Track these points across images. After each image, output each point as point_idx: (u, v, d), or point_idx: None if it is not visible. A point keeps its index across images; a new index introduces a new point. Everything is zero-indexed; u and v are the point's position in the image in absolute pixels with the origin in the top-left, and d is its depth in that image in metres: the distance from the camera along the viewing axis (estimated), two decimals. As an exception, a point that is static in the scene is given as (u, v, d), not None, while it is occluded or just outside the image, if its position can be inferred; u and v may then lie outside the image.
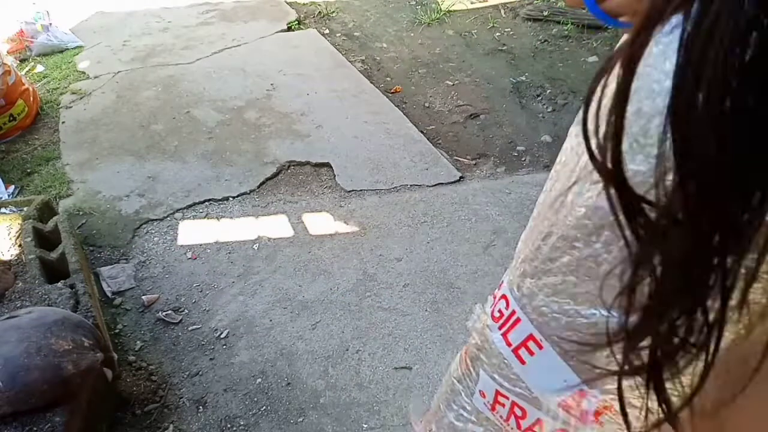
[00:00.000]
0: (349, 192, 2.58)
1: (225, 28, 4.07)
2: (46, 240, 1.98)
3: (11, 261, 1.84)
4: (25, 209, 2.08)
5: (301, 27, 4.09)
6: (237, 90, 3.31)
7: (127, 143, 2.89)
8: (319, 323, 1.99)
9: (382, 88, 3.37)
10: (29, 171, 2.73)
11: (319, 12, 4.27)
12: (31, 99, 3.03)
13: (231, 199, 2.54)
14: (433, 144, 2.90)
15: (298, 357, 1.88)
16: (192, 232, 2.37)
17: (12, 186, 2.60)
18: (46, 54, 3.72)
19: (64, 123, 3.06)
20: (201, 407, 1.74)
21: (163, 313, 2.02)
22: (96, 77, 3.45)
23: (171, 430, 1.68)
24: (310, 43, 3.85)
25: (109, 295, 2.09)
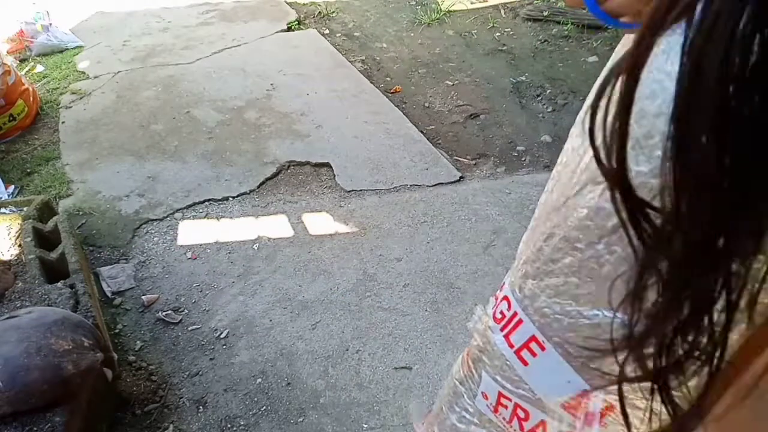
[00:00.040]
0: (349, 192, 2.58)
1: (225, 28, 4.07)
2: (46, 240, 1.98)
3: (11, 261, 1.84)
4: (25, 209, 2.08)
5: (301, 27, 4.09)
6: (237, 90, 3.30)
7: (127, 143, 2.89)
8: (319, 323, 1.99)
9: (382, 88, 3.37)
10: (29, 171, 2.73)
11: (319, 12, 4.27)
12: (31, 99, 3.03)
13: (231, 199, 2.54)
14: (433, 144, 2.90)
15: (298, 357, 1.88)
16: (192, 232, 2.37)
17: (12, 186, 2.60)
18: (46, 54, 3.72)
19: (64, 123, 3.06)
20: (201, 407, 1.74)
21: (163, 313, 2.02)
22: (96, 77, 3.45)
23: (171, 430, 1.68)
24: (310, 43, 3.85)
25: (109, 295, 2.09)
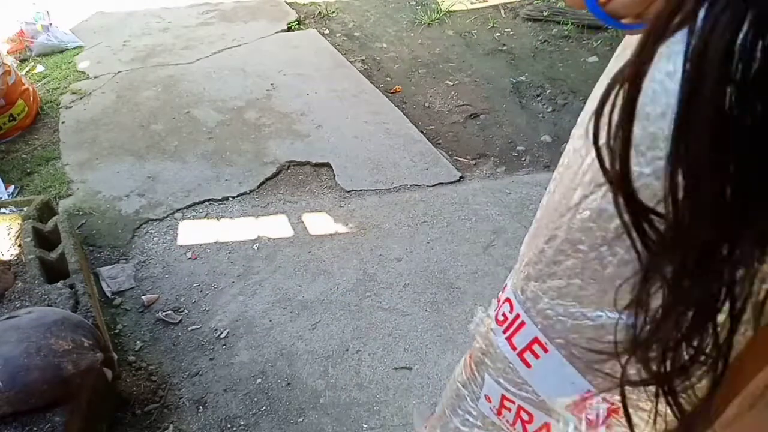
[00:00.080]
0: (349, 192, 2.58)
1: (225, 28, 4.07)
2: (45, 240, 1.98)
3: (11, 261, 1.84)
4: (25, 209, 2.08)
5: (301, 27, 4.09)
6: (237, 90, 3.30)
7: (127, 143, 2.89)
8: (319, 323, 1.99)
9: (382, 88, 3.36)
10: (29, 171, 2.73)
11: (319, 12, 4.27)
12: (31, 99, 3.03)
13: (231, 199, 2.54)
14: (433, 144, 2.90)
15: (298, 357, 1.88)
16: (192, 232, 2.37)
17: (12, 186, 2.60)
18: (46, 54, 3.72)
19: (64, 123, 3.06)
20: (201, 407, 1.74)
21: (163, 313, 2.01)
22: (96, 77, 3.45)
23: (171, 430, 1.68)
24: (310, 43, 3.85)
25: (109, 295, 2.09)
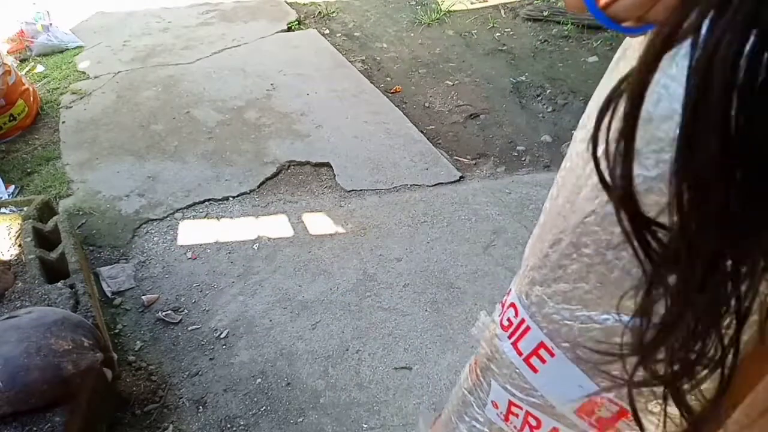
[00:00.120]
0: (349, 192, 2.58)
1: (225, 28, 4.07)
2: (46, 240, 1.98)
3: (11, 261, 1.84)
4: (25, 209, 2.08)
5: (301, 27, 4.09)
6: (237, 90, 3.30)
7: (127, 143, 2.89)
8: (319, 323, 1.99)
9: (382, 88, 3.37)
10: (29, 171, 2.73)
11: (319, 12, 4.27)
12: (31, 99, 3.03)
13: (231, 199, 2.54)
14: (433, 144, 2.90)
15: (298, 357, 1.88)
16: (192, 232, 2.37)
17: (12, 186, 2.60)
18: (46, 54, 3.72)
19: (64, 123, 3.06)
20: (201, 407, 1.74)
21: (163, 313, 2.01)
22: (96, 77, 3.45)
23: (171, 430, 1.68)
24: (310, 43, 3.85)
25: (109, 295, 2.09)
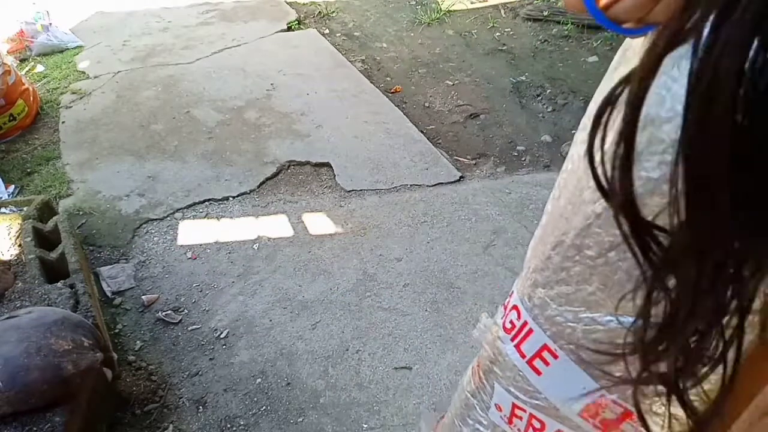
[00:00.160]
0: (349, 192, 2.58)
1: (225, 28, 4.07)
2: (46, 240, 1.98)
3: (11, 261, 1.84)
4: (25, 209, 2.08)
5: (301, 27, 4.09)
6: (237, 90, 3.30)
7: (127, 143, 2.89)
8: (319, 323, 1.99)
9: (382, 88, 3.36)
10: (29, 171, 2.73)
11: (319, 12, 4.27)
12: (31, 99, 3.03)
13: (231, 199, 2.54)
14: (433, 144, 2.90)
15: (298, 357, 1.88)
16: (192, 231, 2.37)
17: (12, 186, 2.60)
18: (46, 54, 3.72)
19: (64, 123, 3.06)
20: (201, 407, 1.74)
21: (163, 313, 2.01)
22: (96, 77, 3.45)
23: (171, 430, 1.68)
24: (310, 43, 3.85)
25: (109, 295, 2.09)
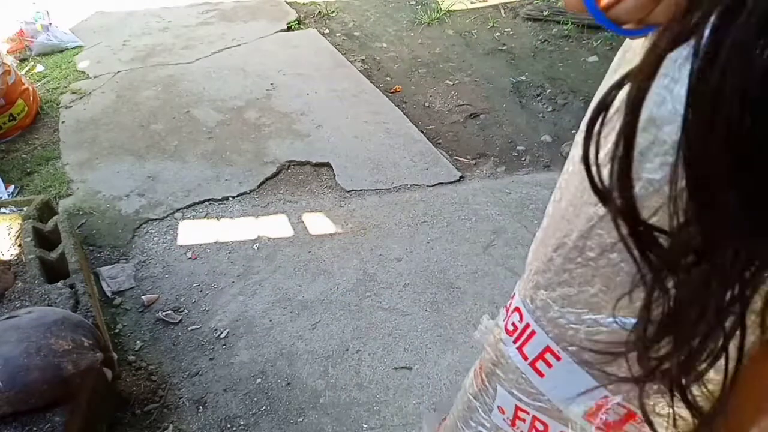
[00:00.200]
0: (349, 192, 2.58)
1: (225, 27, 4.06)
2: (45, 240, 1.98)
3: (11, 261, 1.84)
4: (25, 209, 2.08)
5: (301, 27, 4.09)
6: (237, 90, 3.30)
7: (127, 143, 2.89)
8: (319, 323, 1.99)
9: (382, 87, 3.36)
10: (29, 171, 2.73)
11: (319, 12, 4.27)
12: (31, 99, 3.03)
13: (231, 199, 2.54)
14: (433, 144, 2.90)
15: (298, 357, 1.88)
16: (192, 231, 2.37)
17: (12, 186, 2.59)
18: (46, 54, 3.72)
19: (63, 123, 3.05)
20: (201, 407, 1.74)
21: (163, 313, 2.01)
22: (96, 77, 3.45)
23: (171, 430, 1.68)
24: (310, 43, 3.84)
25: (109, 295, 2.09)
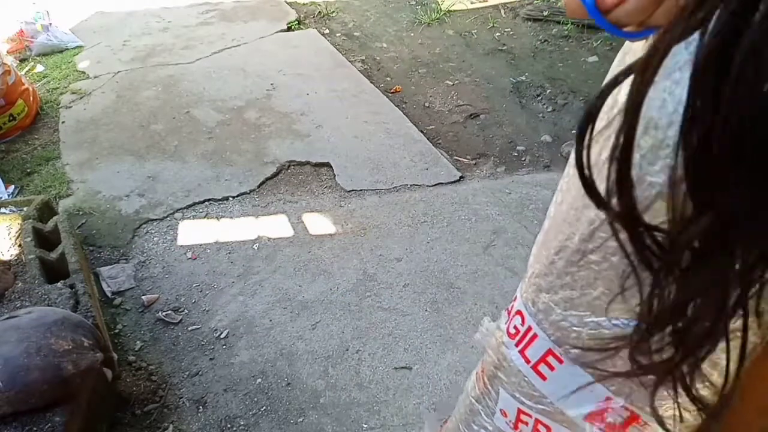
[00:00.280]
0: (349, 192, 2.58)
1: (225, 28, 4.07)
2: (45, 240, 1.98)
3: (11, 261, 1.84)
4: (25, 209, 2.08)
5: (301, 27, 4.09)
6: (237, 90, 3.30)
7: (127, 143, 2.89)
8: (319, 323, 1.99)
9: (382, 88, 3.36)
10: (29, 171, 2.73)
11: (319, 12, 4.27)
12: (31, 99, 3.03)
13: (231, 199, 2.54)
14: (433, 144, 2.90)
15: (298, 357, 1.88)
16: (192, 232, 2.37)
17: (12, 186, 2.59)
18: (46, 54, 3.72)
19: (64, 123, 3.05)
20: (201, 407, 1.74)
21: (163, 313, 2.01)
22: (96, 77, 3.45)
23: (171, 430, 1.68)
24: (310, 43, 3.84)
25: (109, 295, 2.09)
